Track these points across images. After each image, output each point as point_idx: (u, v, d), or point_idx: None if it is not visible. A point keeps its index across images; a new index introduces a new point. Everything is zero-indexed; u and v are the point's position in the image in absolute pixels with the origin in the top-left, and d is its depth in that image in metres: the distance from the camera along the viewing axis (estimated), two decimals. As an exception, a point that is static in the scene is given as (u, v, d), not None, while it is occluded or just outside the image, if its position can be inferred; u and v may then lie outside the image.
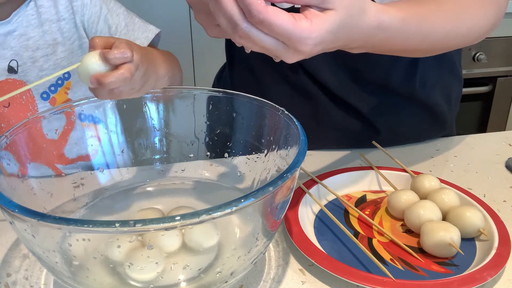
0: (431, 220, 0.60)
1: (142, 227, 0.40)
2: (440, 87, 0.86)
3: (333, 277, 0.53)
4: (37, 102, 0.83)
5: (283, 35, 0.45)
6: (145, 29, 0.84)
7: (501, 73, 1.95)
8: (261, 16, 0.44)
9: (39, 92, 0.82)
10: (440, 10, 0.59)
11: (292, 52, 0.48)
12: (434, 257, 0.58)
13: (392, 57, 0.65)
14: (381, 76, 0.80)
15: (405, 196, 0.65)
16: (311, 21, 0.46)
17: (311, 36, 0.46)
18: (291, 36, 0.45)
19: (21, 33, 0.80)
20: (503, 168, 0.78)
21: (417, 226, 0.61)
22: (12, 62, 0.81)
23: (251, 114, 0.65)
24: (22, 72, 0.80)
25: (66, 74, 0.84)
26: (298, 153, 0.50)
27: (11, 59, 0.81)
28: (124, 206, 0.66)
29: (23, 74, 0.80)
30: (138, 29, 0.84)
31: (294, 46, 0.47)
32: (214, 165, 0.71)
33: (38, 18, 0.81)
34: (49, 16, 0.82)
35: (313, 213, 0.65)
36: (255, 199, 0.43)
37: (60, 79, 0.84)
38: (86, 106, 0.65)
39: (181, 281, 0.50)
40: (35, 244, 0.45)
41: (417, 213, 0.61)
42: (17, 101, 0.82)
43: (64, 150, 0.76)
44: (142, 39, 0.83)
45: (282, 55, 0.48)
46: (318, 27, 0.46)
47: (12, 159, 0.56)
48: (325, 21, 0.46)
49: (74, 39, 0.83)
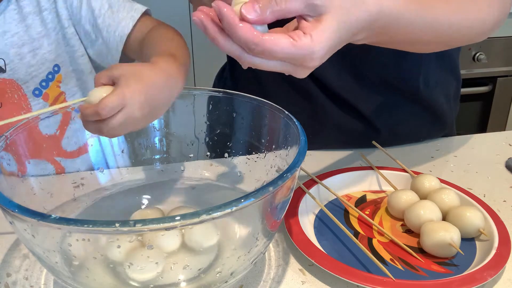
0: (431, 220, 0.60)
1: (142, 227, 0.40)
2: (441, 87, 0.86)
3: (333, 277, 0.53)
4: (30, 100, 0.82)
5: (287, 58, 0.45)
6: (130, 8, 0.81)
7: (501, 73, 1.95)
8: (259, 48, 0.44)
9: (31, 90, 0.81)
10: (444, 2, 0.58)
11: (301, 68, 0.47)
12: (434, 257, 0.58)
13: (394, 56, 0.64)
14: (384, 75, 0.80)
15: (405, 196, 0.65)
16: (310, 36, 0.45)
17: (315, 50, 0.45)
18: (295, 57, 0.45)
19: (4, 30, 0.78)
20: (503, 168, 0.78)
21: (417, 226, 0.61)
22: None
23: (251, 114, 0.65)
24: (10, 70, 0.79)
25: (55, 67, 0.83)
26: (298, 153, 0.50)
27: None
28: (124, 206, 0.66)
29: (12, 73, 0.79)
30: (123, 9, 0.81)
31: (301, 64, 0.46)
32: (214, 165, 0.71)
33: (20, 12, 0.79)
34: (31, 8, 0.80)
35: (313, 213, 0.65)
36: (255, 199, 0.43)
37: (50, 73, 0.82)
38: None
39: (181, 281, 0.50)
40: (35, 244, 0.45)
41: (417, 213, 0.61)
42: (9, 101, 0.81)
43: (62, 143, 0.75)
44: (128, 20, 0.80)
45: (293, 73, 0.48)
46: (319, 40, 0.45)
47: (12, 159, 0.56)
48: (324, 31, 0.46)
49: (58, 30, 0.81)
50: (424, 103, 0.84)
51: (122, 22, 0.79)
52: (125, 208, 0.66)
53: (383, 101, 0.82)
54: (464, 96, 2.03)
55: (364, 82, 0.80)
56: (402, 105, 0.83)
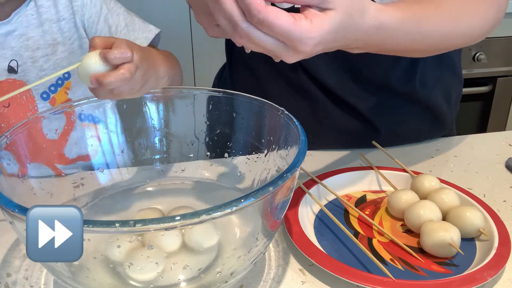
0: (431, 220, 0.60)
1: (142, 227, 0.40)
2: (440, 87, 0.86)
3: (333, 277, 0.53)
4: (37, 102, 0.83)
5: (283, 35, 0.45)
6: (145, 29, 0.84)
7: (501, 73, 1.95)
8: (260, 16, 0.44)
9: (39, 92, 0.82)
10: (439, 10, 0.59)
11: (292, 52, 0.47)
12: (434, 257, 0.58)
13: (392, 57, 0.65)
14: (381, 76, 0.80)
15: (405, 196, 0.65)
16: (311, 21, 0.46)
17: (311, 36, 0.46)
18: (291, 36, 0.45)
19: (21, 33, 0.80)
20: (503, 168, 0.78)
21: (417, 226, 0.61)
22: (12, 62, 0.81)
23: (251, 114, 0.65)
24: (22, 72, 0.80)
25: (66, 74, 0.84)
26: (298, 153, 0.50)
27: (11, 59, 0.80)
28: (124, 206, 0.66)
29: (23, 74, 0.80)
30: (138, 29, 0.84)
31: (294, 46, 0.47)
32: (214, 165, 0.71)
33: (38, 18, 0.81)
34: (49, 16, 0.81)
35: (313, 213, 0.65)
36: (255, 199, 0.43)
37: (60, 79, 0.84)
38: (86, 106, 0.65)
39: (181, 281, 0.50)
40: (35, 244, 0.45)
41: (417, 213, 0.61)
42: (17, 102, 0.82)
43: (64, 150, 0.76)
44: (142, 39, 0.83)
45: (282, 55, 0.48)
46: (318, 27, 0.46)
47: (12, 159, 0.56)
48: (325, 21, 0.46)
49: (74, 39, 0.83)
50: (423, 103, 0.84)
51: (137, 41, 0.81)
52: (125, 208, 0.66)
53: (383, 101, 0.82)
54: (464, 96, 2.02)
55: (362, 82, 0.81)
56: (401, 105, 0.83)
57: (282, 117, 0.58)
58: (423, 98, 0.84)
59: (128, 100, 0.67)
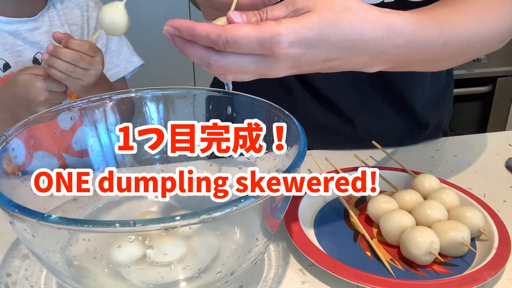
0: (439, 220, 0.60)
1: (142, 227, 0.40)
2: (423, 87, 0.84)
3: (333, 277, 0.53)
4: None
5: (252, 44, 0.44)
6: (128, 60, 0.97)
7: (501, 73, 1.95)
8: (222, 37, 0.44)
9: None
10: (458, 13, 0.56)
11: (273, 60, 0.46)
12: (434, 257, 0.58)
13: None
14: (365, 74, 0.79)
15: (409, 197, 0.64)
16: (278, 22, 0.45)
17: (280, 32, 0.44)
18: (260, 40, 0.44)
19: (46, 30, 0.91)
20: (503, 168, 0.78)
21: (425, 226, 0.60)
22: (38, 54, 0.90)
23: (251, 114, 0.65)
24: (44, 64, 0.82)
25: None
26: (298, 153, 0.50)
27: (37, 51, 0.90)
28: (124, 206, 0.66)
29: (46, 66, 0.83)
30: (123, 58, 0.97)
31: (271, 52, 0.45)
32: (214, 165, 0.71)
33: (59, 19, 0.93)
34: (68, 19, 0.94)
35: (313, 213, 0.65)
36: (255, 199, 0.43)
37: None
38: (86, 106, 0.65)
39: (181, 281, 0.50)
40: (35, 244, 0.45)
41: (425, 214, 0.60)
42: None
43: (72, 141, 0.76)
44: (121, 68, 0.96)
45: (268, 69, 0.47)
46: (288, 24, 0.45)
47: (21, 145, 0.56)
48: (297, 19, 0.45)
49: None
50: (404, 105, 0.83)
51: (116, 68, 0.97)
52: (125, 208, 0.66)
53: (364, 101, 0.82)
54: (464, 96, 2.03)
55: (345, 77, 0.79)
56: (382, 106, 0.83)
57: (282, 117, 0.58)
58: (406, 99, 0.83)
59: (128, 100, 0.67)
